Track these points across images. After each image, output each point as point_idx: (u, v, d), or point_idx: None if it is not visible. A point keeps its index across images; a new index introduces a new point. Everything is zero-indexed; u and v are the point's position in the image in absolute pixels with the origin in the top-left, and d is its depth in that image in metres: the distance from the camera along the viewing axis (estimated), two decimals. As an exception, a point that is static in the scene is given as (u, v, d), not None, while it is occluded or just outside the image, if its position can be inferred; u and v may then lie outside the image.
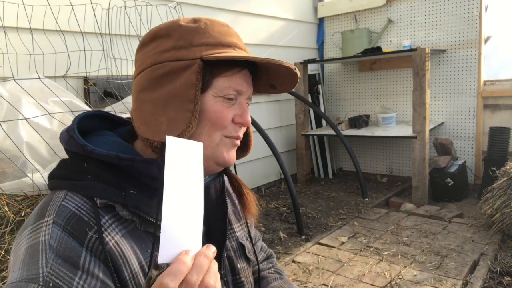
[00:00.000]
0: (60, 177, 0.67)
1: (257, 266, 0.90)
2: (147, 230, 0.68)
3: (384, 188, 3.62)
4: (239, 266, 0.83)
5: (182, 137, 0.65)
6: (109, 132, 0.75)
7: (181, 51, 0.68)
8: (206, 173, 0.77)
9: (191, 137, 0.70)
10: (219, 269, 0.78)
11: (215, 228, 0.81)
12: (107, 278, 0.61)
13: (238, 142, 0.76)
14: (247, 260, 0.87)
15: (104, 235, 0.62)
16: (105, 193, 0.64)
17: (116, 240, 0.63)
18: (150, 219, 0.67)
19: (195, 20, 0.71)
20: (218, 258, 0.78)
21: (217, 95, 0.70)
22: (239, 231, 0.87)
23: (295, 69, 0.72)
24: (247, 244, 0.88)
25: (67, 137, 0.69)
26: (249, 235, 0.90)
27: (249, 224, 0.89)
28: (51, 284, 0.56)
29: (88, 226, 0.62)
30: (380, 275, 2.04)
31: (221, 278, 0.78)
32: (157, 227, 0.54)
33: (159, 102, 0.67)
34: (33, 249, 0.59)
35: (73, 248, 0.59)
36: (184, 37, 0.68)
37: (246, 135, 0.83)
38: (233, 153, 0.75)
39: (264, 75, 0.77)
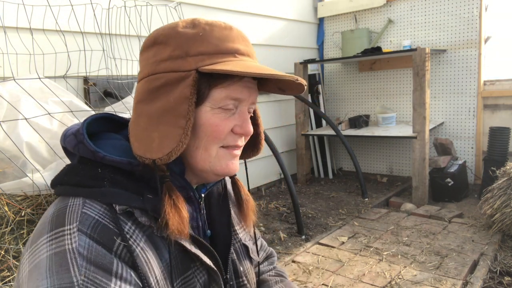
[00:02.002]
0: (74, 184, 0.65)
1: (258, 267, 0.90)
2: (162, 235, 0.67)
3: (384, 188, 3.62)
4: (241, 268, 0.82)
5: (172, 156, 0.64)
6: (115, 134, 0.74)
7: (177, 62, 0.65)
8: (206, 182, 0.76)
9: (186, 152, 0.68)
10: (226, 273, 0.77)
11: (220, 232, 0.80)
12: (138, 284, 0.61)
13: (238, 152, 0.73)
14: (251, 261, 0.86)
15: (130, 242, 0.62)
16: (124, 199, 0.64)
17: (141, 246, 0.63)
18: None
19: (194, 25, 0.67)
20: (225, 262, 0.78)
21: (215, 106, 0.67)
22: (242, 232, 0.86)
23: (297, 80, 0.68)
24: (250, 245, 0.87)
25: (74, 141, 0.67)
26: (254, 236, 0.89)
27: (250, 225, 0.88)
28: None
29: (114, 233, 0.61)
30: (380, 275, 2.04)
31: (227, 282, 0.77)
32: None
33: (153, 117, 0.65)
34: (60, 257, 0.57)
35: (104, 255, 0.59)
36: (180, 46, 0.65)
37: (257, 134, 0.81)
38: (233, 164, 0.72)
39: (270, 78, 0.73)
